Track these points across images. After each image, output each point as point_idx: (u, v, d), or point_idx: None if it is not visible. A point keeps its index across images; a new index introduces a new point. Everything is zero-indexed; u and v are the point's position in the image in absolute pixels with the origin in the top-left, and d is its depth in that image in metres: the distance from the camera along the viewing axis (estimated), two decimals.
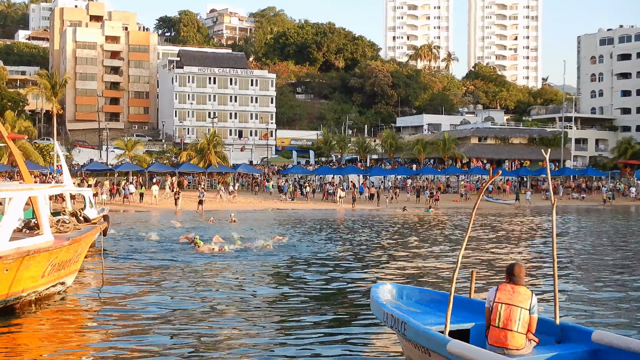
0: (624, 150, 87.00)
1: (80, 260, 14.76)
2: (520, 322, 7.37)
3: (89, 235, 14.59)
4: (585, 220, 43.31)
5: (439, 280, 16.58)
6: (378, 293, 9.33)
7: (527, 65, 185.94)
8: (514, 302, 7.42)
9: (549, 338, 7.86)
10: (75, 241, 13.52)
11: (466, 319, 8.54)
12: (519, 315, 7.37)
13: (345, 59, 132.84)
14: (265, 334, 10.83)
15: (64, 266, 13.48)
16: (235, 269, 18.40)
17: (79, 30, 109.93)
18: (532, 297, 7.50)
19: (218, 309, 12.90)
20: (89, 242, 15.05)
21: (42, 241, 12.83)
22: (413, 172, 73.96)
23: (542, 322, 8.02)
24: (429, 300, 9.49)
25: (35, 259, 12.20)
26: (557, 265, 7.58)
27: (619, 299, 14.53)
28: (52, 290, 13.40)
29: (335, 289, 15.56)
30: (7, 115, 64.80)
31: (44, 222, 13.14)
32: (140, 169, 64.64)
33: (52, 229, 13.78)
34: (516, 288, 7.54)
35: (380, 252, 23.47)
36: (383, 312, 8.59)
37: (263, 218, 42.66)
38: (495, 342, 7.46)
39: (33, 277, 12.37)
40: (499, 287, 7.63)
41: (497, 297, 7.51)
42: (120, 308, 13.02)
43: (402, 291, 9.83)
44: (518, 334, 7.37)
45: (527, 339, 7.44)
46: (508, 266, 7.78)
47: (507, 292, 7.51)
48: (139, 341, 10.44)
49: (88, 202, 25.28)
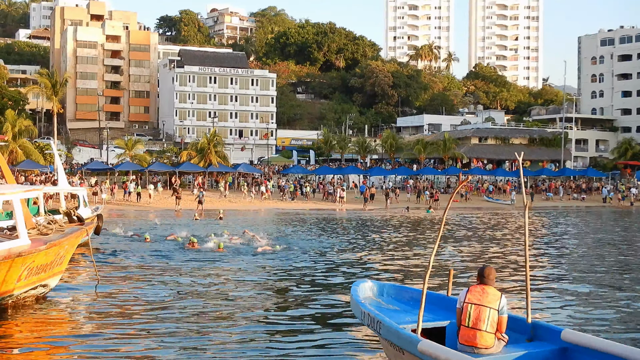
0: (624, 151, 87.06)
1: (65, 262, 14.58)
2: (489, 321, 7.52)
3: (72, 237, 14.33)
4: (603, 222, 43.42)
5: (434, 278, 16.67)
6: (358, 291, 9.42)
7: (527, 66, 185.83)
8: (483, 303, 7.57)
9: (521, 336, 8.01)
10: (53, 244, 13.27)
11: (443, 316, 8.69)
12: (488, 315, 7.52)
13: (346, 59, 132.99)
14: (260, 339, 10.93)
15: (44, 269, 13.28)
16: (233, 269, 18.54)
17: (79, 29, 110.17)
18: (502, 298, 7.66)
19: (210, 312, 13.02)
20: (74, 243, 14.85)
21: (16, 245, 12.60)
22: (413, 172, 74.09)
23: (515, 320, 8.18)
24: (408, 298, 9.60)
25: (7, 263, 12.05)
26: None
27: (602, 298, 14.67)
28: (32, 293, 13.28)
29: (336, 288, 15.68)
30: (8, 114, 64.95)
31: (20, 226, 12.91)
32: (140, 169, 64.80)
33: (34, 231, 13.65)
34: (486, 289, 7.70)
35: (392, 252, 23.63)
36: (360, 311, 8.71)
37: (257, 218, 42.78)
38: (465, 341, 7.62)
39: (6, 281, 12.25)
40: (469, 289, 7.79)
41: (467, 298, 7.68)
42: (112, 308, 13.15)
43: (382, 288, 9.94)
44: (487, 334, 7.52)
45: (496, 338, 7.59)
46: (479, 268, 7.96)
47: (477, 293, 7.67)
48: (127, 343, 10.57)
49: (82, 201, 25.39)
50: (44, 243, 13.01)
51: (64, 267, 14.70)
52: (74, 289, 15.23)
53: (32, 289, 13.23)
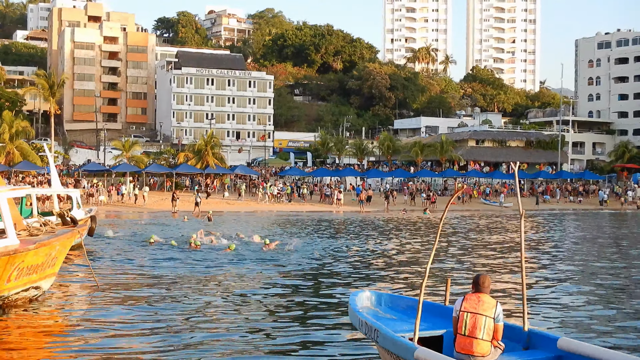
0: (621, 153, 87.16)
1: (57, 264, 14.45)
2: (485, 329, 7.54)
3: (62, 238, 14.16)
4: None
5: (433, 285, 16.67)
6: (356, 301, 9.48)
7: (524, 69, 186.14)
8: (479, 311, 7.59)
9: (517, 345, 8.03)
10: (43, 244, 13.13)
11: (440, 325, 8.70)
12: (483, 323, 7.55)
13: (343, 61, 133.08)
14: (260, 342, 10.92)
15: (35, 270, 13.18)
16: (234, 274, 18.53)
17: (77, 30, 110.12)
18: (497, 306, 7.67)
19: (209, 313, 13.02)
20: (66, 244, 14.69)
21: (3, 245, 12.48)
22: (410, 174, 74.13)
23: (511, 328, 8.19)
24: (405, 307, 9.64)
25: None
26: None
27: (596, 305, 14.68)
28: (23, 295, 13.19)
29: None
30: (5, 116, 64.84)
31: (8, 225, 12.77)
32: (137, 170, 64.75)
33: (24, 232, 13.56)
34: (481, 297, 7.71)
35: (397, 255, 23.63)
36: (358, 320, 8.76)
37: (251, 220, 42.79)
38: (461, 349, 7.65)
39: None
40: (465, 297, 7.81)
41: (463, 307, 7.70)
42: (107, 313, 13.13)
43: (380, 298, 9.99)
44: (483, 342, 7.54)
45: (492, 346, 7.61)
46: (474, 276, 7.97)
47: (473, 301, 7.69)
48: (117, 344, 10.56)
49: (75, 203, 25.25)
50: (33, 243, 12.87)
51: (56, 269, 14.56)
52: (70, 293, 15.22)
53: (24, 290, 13.11)
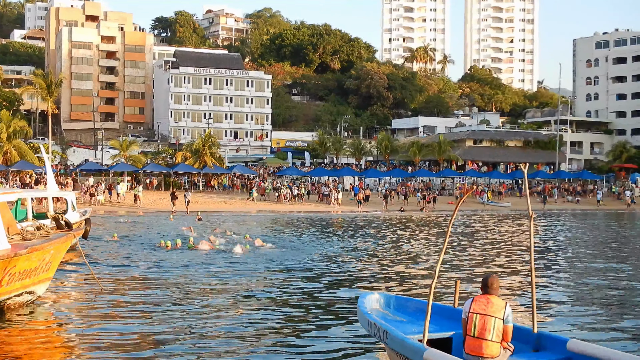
0: (619, 153, 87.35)
1: (52, 268, 14.19)
2: (495, 331, 7.50)
3: (57, 242, 13.86)
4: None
5: (439, 288, 16.65)
6: (365, 303, 9.48)
7: (522, 68, 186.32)
8: (488, 312, 7.55)
9: (527, 346, 8.01)
10: (35, 249, 12.86)
11: (449, 327, 8.70)
12: (493, 324, 7.51)
13: (341, 61, 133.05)
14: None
15: (28, 275, 12.94)
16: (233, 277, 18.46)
17: (74, 30, 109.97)
18: (506, 307, 7.63)
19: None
20: (60, 249, 14.39)
21: None
22: (408, 174, 74.16)
23: (521, 330, 8.18)
24: (414, 310, 9.65)
25: None
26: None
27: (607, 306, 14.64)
28: (17, 300, 12.99)
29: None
30: (2, 115, 64.63)
31: None
32: (135, 170, 64.63)
33: (17, 237, 13.35)
34: (490, 299, 7.67)
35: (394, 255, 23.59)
36: (367, 322, 8.78)
37: (248, 220, 42.72)
38: (471, 351, 7.61)
39: None
40: (474, 299, 7.78)
41: (472, 308, 7.66)
42: (107, 314, 13.07)
43: (389, 300, 10.00)
44: (492, 343, 7.50)
45: (502, 348, 7.57)
46: (483, 278, 7.93)
47: (482, 302, 7.66)
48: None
49: (70, 205, 24.80)
50: (25, 247, 12.63)
51: (51, 274, 14.31)
52: (75, 299, 15.14)
53: (17, 295, 12.88)
